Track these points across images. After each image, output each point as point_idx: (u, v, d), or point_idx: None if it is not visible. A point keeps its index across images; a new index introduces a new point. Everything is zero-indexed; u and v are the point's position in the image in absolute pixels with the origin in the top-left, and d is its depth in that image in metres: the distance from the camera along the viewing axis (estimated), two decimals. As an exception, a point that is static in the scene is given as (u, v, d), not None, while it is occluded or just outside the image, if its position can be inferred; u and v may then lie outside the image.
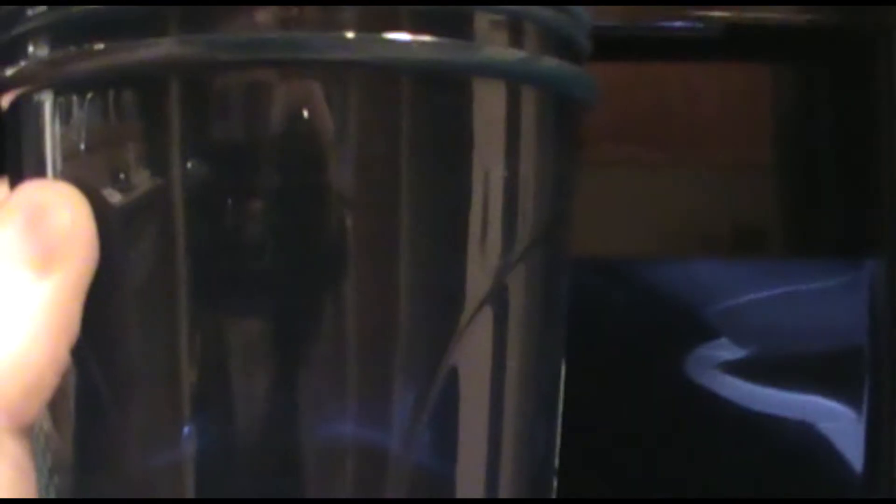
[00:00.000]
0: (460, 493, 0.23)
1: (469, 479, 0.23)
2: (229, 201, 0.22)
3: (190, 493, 0.22)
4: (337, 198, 0.21)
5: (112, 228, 0.22)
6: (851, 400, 0.39)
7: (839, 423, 0.39)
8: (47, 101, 0.23)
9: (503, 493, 0.23)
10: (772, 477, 0.40)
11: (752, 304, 0.40)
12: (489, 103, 0.23)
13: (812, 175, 0.40)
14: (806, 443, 0.40)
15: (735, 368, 0.40)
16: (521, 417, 0.24)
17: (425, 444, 0.22)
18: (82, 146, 0.23)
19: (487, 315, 0.23)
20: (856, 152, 0.39)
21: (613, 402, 0.40)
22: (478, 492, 0.23)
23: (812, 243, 0.40)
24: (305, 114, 0.21)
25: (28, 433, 0.22)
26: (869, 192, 0.38)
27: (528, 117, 0.23)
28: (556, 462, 0.25)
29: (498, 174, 0.23)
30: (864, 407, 0.39)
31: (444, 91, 0.22)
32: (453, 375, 0.22)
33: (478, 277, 0.22)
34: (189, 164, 0.21)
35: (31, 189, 0.23)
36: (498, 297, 0.23)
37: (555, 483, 0.25)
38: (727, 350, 0.40)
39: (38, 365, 0.21)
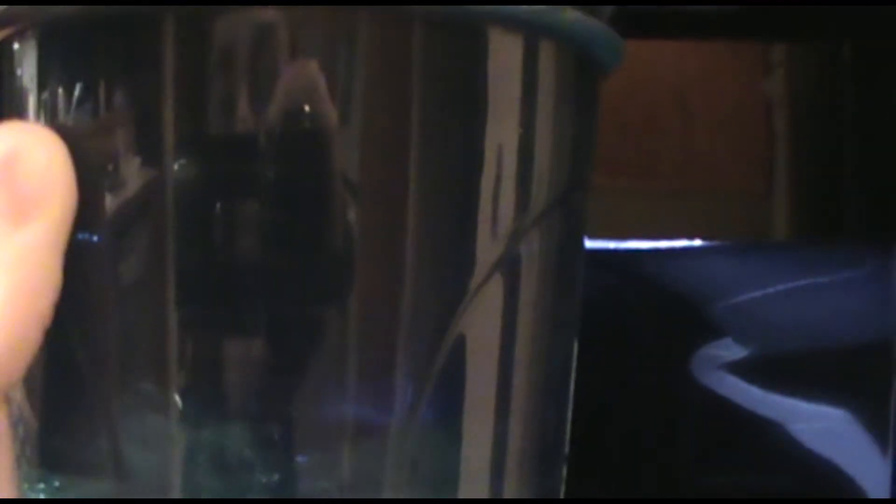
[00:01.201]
0: (464, 468, 0.21)
1: (474, 453, 0.22)
2: (226, 152, 0.20)
3: (176, 476, 0.20)
4: (342, 153, 0.20)
5: (95, 182, 0.21)
6: (876, 401, 0.38)
7: (861, 427, 0.38)
8: (29, 44, 0.22)
9: (510, 470, 0.22)
10: (783, 483, 0.39)
11: (770, 297, 0.39)
12: (505, 56, 0.22)
13: (836, 157, 0.39)
14: (821, 448, 0.39)
15: (750, 368, 0.39)
16: (531, 392, 0.22)
17: (430, 415, 0.21)
18: (66, 93, 0.21)
19: (498, 282, 0.22)
20: (881, 132, 0.37)
21: (618, 401, 0.39)
22: (483, 467, 0.22)
23: (836, 228, 0.39)
24: (310, 61, 0.20)
25: (7, 400, 0.20)
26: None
27: (546, 73, 0.22)
28: (567, 446, 0.24)
29: (512, 132, 0.22)
30: (893, 410, 0.37)
31: (458, 40, 0.21)
32: (461, 343, 0.21)
33: (489, 242, 0.21)
34: (182, 111, 0.20)
35: (3, 132, 0.21)
36: (510, 264, 0.22)
37: (564, 469, 0.24)
38: (738, 348, 0.39)
39: (21, 321, 0.20)
